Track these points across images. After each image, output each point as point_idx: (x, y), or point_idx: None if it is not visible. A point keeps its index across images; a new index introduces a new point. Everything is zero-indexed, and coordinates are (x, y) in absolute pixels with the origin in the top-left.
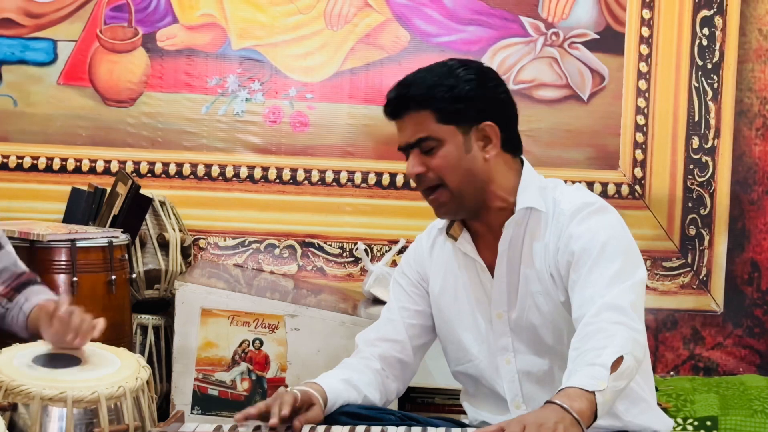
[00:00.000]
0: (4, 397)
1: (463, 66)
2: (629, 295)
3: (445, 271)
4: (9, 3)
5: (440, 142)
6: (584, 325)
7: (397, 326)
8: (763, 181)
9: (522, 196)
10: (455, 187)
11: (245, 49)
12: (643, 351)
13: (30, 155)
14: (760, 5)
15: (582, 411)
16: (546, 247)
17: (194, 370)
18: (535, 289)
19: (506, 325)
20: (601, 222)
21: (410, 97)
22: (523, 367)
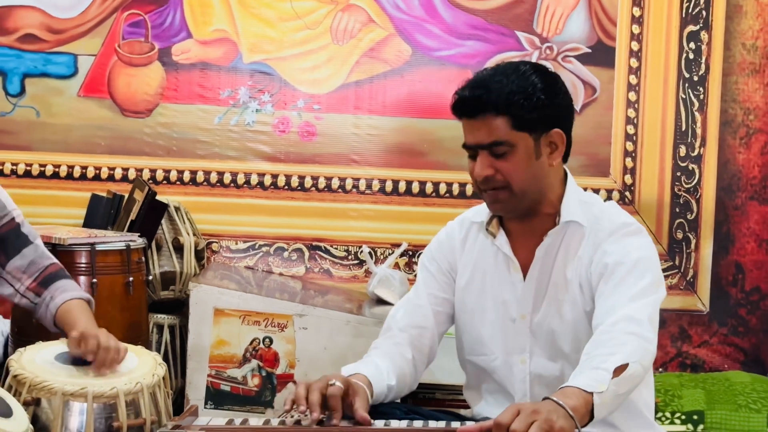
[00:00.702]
0: (28, 392)
1: (537, 72)
2: (647, 309)
3: (474, 265)
4: (32, 19)
5: (513, 147)
6: (600, 332)
7: (425, 312)
8: (747, 187)
9: (567, 208)
10: (519, 191)
11: (256, 63)
12: (651, 360)
13: (52, 163)
14: (744, 21)
15: (576, 408)
16: (580, 259)
17: (207, 366)
18: (562, 297)
19: (527, 327)
20: (635, 242)
21: (489, 101)
22: (536, 370)
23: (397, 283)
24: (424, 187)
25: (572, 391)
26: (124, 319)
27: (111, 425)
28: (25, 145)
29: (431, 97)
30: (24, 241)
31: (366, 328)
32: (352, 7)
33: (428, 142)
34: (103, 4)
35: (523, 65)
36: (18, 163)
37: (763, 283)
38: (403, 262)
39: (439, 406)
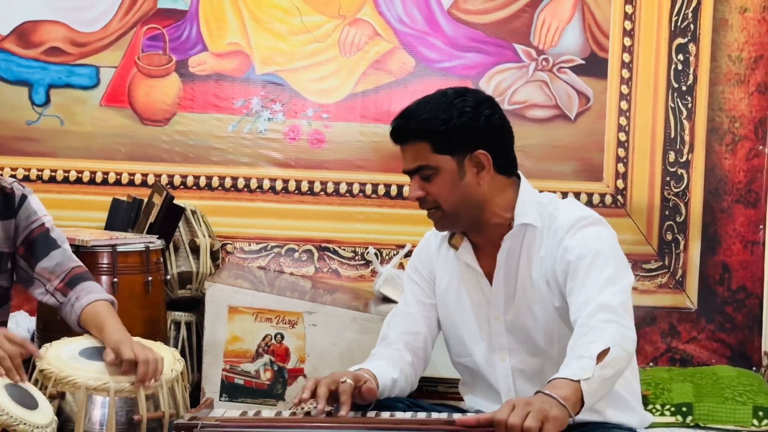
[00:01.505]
0: (54, 386)
1: (461, 96)
2: (619, 296)
3: (450, 272)
4: (57, 33)
5: (436, 170)
6: (579, 326)
7: (417, 319)
8: (733, 191)
9: (519, 213)
10: (450, 210)
11: (267, 74)
12: (632, 344)
13: (75, 169)
14: (729, 34)
15: (567, 397)
16: (543, 258)
17: (222, 361)
18: (531, 296)
19: (503, 327)
20: (593, 233)
21: (409, 129)
22: (517, 365)
23: (401, 282)
24: None
25: (560, 382)
26: (144, 316)
27: (132, 418)
28: (50, 152)
29: None
30: (52, 245)
31: (372, 325)
32: (358, 22)
33: None
34: (123, 19)
35: (451, 91)
36: (43, 169)
37: (748, 282)
38: (407, 262)
39: (441, 398)
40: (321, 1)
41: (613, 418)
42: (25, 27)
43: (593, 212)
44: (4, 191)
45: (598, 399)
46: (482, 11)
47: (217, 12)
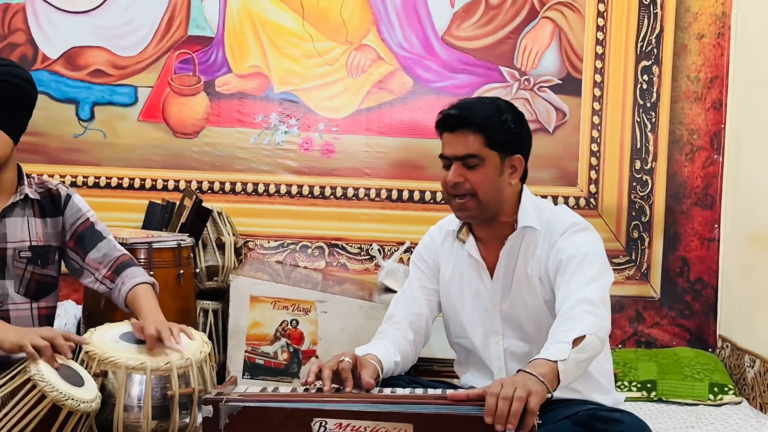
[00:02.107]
0: (98, 366)
1: (510, 106)
2: (599, 292)
3: (453, 263)
4: (100, 57)
5: (483, 162)
6: (561, 315)
7: (420, 302)
8: (691, 195)
9: (523, 216)
10: (484, 200)
11: (284, 93)
12: (606, 333)
13: (116, 176)
14: (689, 57)
15: (545, 374)
16: (538, 257)
17: (245, 344)
18: (525, 289)
19: (498, 314)
20: (583, 237)
21: (468, 119)
22: (509, 348)
23: (401, 274)
24: (424, 195)
25: (540, 362)
26: (176, 305)
27: (166, 394)
28: (94, 162)
29: (430, 121)
30: (98, 237)
31: (376, 312)
32: (363, 47)
33: (427, 158)
34: (158, 45)
35: (499, 99)
36: (88, 176)
37: (704, 274)
38: (406, 257)
39: (436, 376)
40: (331, 29)
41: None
42: (73, 52)
43: (583, 219)
44: (50, 192)
45: (573, 378)
46: (472, 38)
47: (240, 38)
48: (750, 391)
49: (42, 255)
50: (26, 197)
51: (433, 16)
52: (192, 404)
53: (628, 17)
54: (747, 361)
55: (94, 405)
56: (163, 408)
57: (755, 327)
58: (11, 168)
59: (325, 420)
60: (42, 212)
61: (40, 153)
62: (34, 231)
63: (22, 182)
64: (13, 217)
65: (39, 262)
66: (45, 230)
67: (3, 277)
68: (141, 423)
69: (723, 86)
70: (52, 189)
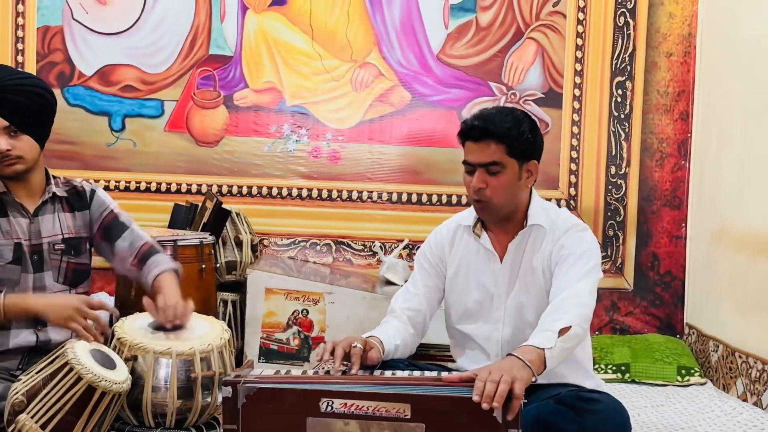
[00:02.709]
0: (128, 350)
1: (527, 116)
2: (588, 287)
3: (461, 258)
4: (130, 74)
5: (504, 169)
6: (552, 304)
7: (420, 299)
8: (661, 197)
9: (532, 215)
10: (503, 202)
11: (295, 106)
12: (588, 323)
13: (145, 181)
14: (659, 74)
15: (532, 360)
16: (543, 251)
17: (260, 331)
18: (529, 281)
19: (502, 303)
20: (582, 237)
21: (493, 130)
22: (507, 336)
23: (400, 268)
24: (421, 197)
25: (529, 348)
26: (199, 296)
27: (189, 376)
28: (125, 168)
29: (426, 131)
30: (123, 227)
31: (378, 302)
32: (367, 65)
33: (424, 164)
34: (182, 63)
35: (517, 110)
36: (120, 180)
37: (673, 268)
38: (405, 253)
39: (432, 360)
40: (337, 48)
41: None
42: (106, 69)
43: (581, 221)
44: (76, 189)
45: (557, 364)
46: (464, 56)
47: (256, 57)
48: (714, 373)
49: (75, 245)
50: (54, 195)
51: (429, 36)
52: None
53: (604, 38)
54: (711, 346)
55: (125, 386)
56: (187, 389)
57: (718, 316)
58: (39, 171)
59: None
60: (70, 207)
61: (76, 160)
62: (65, 225)
63: (50, 182)
64: (45, 214)
65: (72, 252)
66: (75, 223)
67: (41, 269)
68: (167, 402)
69: (689, 99)
70: (77, 186)
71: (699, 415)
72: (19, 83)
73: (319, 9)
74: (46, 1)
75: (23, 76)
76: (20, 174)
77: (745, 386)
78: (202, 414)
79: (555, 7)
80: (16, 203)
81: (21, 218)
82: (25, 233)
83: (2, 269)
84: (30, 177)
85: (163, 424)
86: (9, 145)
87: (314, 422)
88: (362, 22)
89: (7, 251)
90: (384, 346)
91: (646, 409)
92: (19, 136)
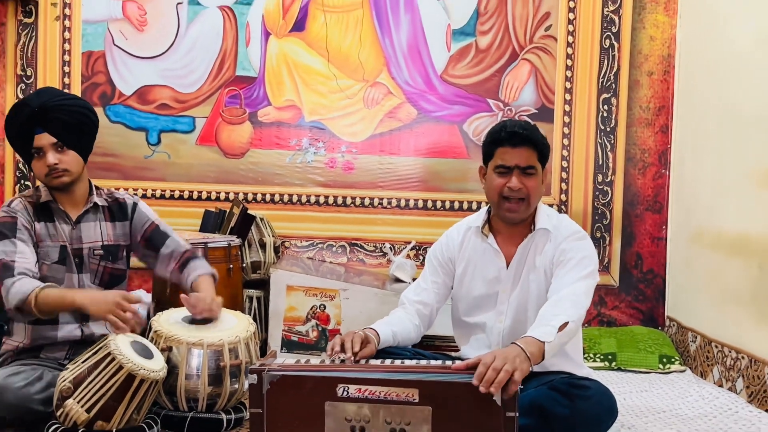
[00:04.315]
0: (164, 342)
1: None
2: (585, 288)
3: (469, 257)
4: (165, 94)
5: (536, 172)
6: (552, 300)
7: (429, 294)
8: (643, 202)
9: (539, 220)
10: (533, 203)
11: (313, 121)
12: (582, 320)
13: (178, 189)
14: (640, 90)
15: (533, 352)
16: (546, 253)
17: (282, 324)
18: (532, 279)
19: (507, 298)
20: (583, 244)
21: (531, 139)
22: (508, 327)
23: (408, 267)
24: (426, 203)
25: (531, 340)
26: (227, 293)
27: (219, 365)
28: (160, 178)
29: (431, 144)
30: (164, 236)
31: (388, 298)
32: (377, 84)
33: (429, 173)
34: (211, 83)
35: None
36: (156, 189)
37: (655, 266)
38: (412, 253)
39: (437, 350)
40: (350, 69)
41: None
42: (143, 90)
43: (581, 228)
44: (118, 201)
45: (553, 355)
46: (465, 76)
47: (278, 77)
48: (692, 361)
49: (113, 252)
50: (96, 205)
51: (433, 58)
52: (240, 373)
53: (591, 58)
54: (690, 337)
55: (161, 374)
56: (217, 376)
57: (696, 309)
58: (83, 182)
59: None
60: (111, 217)
61: (117, 171)
62: (105, 233)
63: (92, 193)
64: (87, 222)
65: (110, 258)
66: (115, 232)
67: (81, 271)
68: (199, 389)
69: (669, 114)
70: (119, 198)
71: (679, 400)
72: (65, 104)
73: (334, 34)
74: (90, 29)
75: (69, 97)
76: (66, 185)
77: (721, 373)
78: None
79: (547, 31)
80: (61, 211)
81: (65, 224)
82: (68, 238)
83: (49, 268)
84: (74, 188)
85: (195, 408)
86: (56, 159)
87: (332, 406)
88: (373, 45)
89: (54, 252)
90: (380, 336)
91: (631, 394)
92: (65, 152)
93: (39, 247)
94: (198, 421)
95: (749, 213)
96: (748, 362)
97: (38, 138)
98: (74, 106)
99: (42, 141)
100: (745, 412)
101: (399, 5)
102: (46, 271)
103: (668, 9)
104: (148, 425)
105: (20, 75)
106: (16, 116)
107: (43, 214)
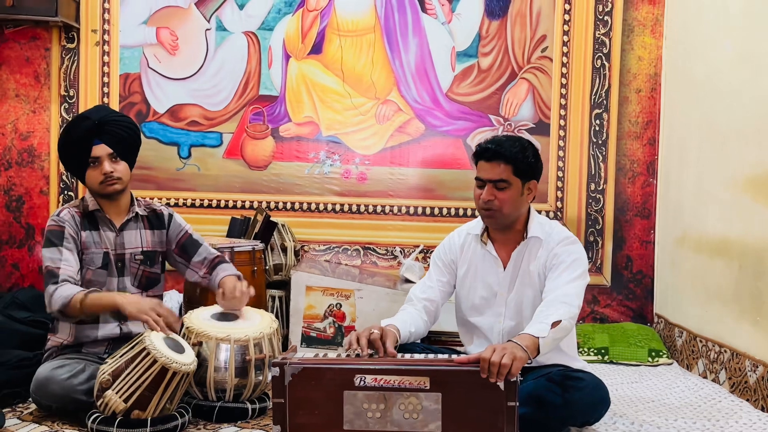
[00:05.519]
0: (195, 337)
1: (530, 144)
2: (577, 289)
3: (470, 261)
4: (195, 111)
5: (510, 186)
6: (546, 300)
7: (435, 291)
8: (633, 208)
9: (531, 228)
10: (506, 213)
11: (330, 136)
12: (575, 318)
13: (207, 199)
14: (630, 106)
15: (528, 347)
16: (539, 258)
17: (302, 321)
18: (527, 282)
19: (504, 300)
20: (573, 248)
21: (504, 153)
22: (507, 327)
23: (417, 269)
24: (433, 210)
25: (526, 336)
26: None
27: (245, 358)
28: (191, 188)
29: (437, 156)
30: (196, 244)
31: (399, 297)
32: (388, 102)
33: (436, 183)
34: (237, 102)
35: (523, 139)
36: (187, 199)
37: (644, 268)
38: (420, 256)
39: (444, 345)
40: (364, 88)
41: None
42: (175, 108)
43: (572, 233)
44: (155, 211)
45: (548, 351)
46: (468, 93)
47: (297, 96)
48: (679, 355)
49: (150, 257)
50: (136, 214)
51: (439, 78)
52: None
53: (584, 77)
54: (676, 332)
55: (192, 367)
56: (243, 369)
57: (682, 307)
58: (127, 192)
59: (364, 376)
60: (150, 225)
61: (151, 182)
62: (144, 240)
63: (134, 204)
64: (129, 230)
65: (148, 263)
66: (153, 239)
67: (123, 274)
68: (227, 380)
69: (656, 128)
70: (157, 209)
71: (667, 390)
72: (120, 120)
73: (348, 57)
74: (127, 53)
75: (121, 114)
76: (118, 192)
77: (705, 366)
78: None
79: (543, 52)
80: (106, 219)
81: (109, 232)
82: (112, 244)
83: (93, 273)
84: (120, 197)
85: (223, 398)
86: (112, 168)
87: (350, 395)
88: (384, 66)
89: (98, 258)
90: (400, 332)
91: (622, 385)
92: (118, 162)
93: (84, 254)
94: (225, 410)
95: (730, 218)
96: (730, 355)
97: (96, 149)
98: (126, 121)
99: (99, 151)
100: (727, 402)
101: (408, 29)
102: (90, 276)
103: (655, 32)
104: (180, 413)
105: (63, 95)
106: (76, 128)
107: (89, 222)
